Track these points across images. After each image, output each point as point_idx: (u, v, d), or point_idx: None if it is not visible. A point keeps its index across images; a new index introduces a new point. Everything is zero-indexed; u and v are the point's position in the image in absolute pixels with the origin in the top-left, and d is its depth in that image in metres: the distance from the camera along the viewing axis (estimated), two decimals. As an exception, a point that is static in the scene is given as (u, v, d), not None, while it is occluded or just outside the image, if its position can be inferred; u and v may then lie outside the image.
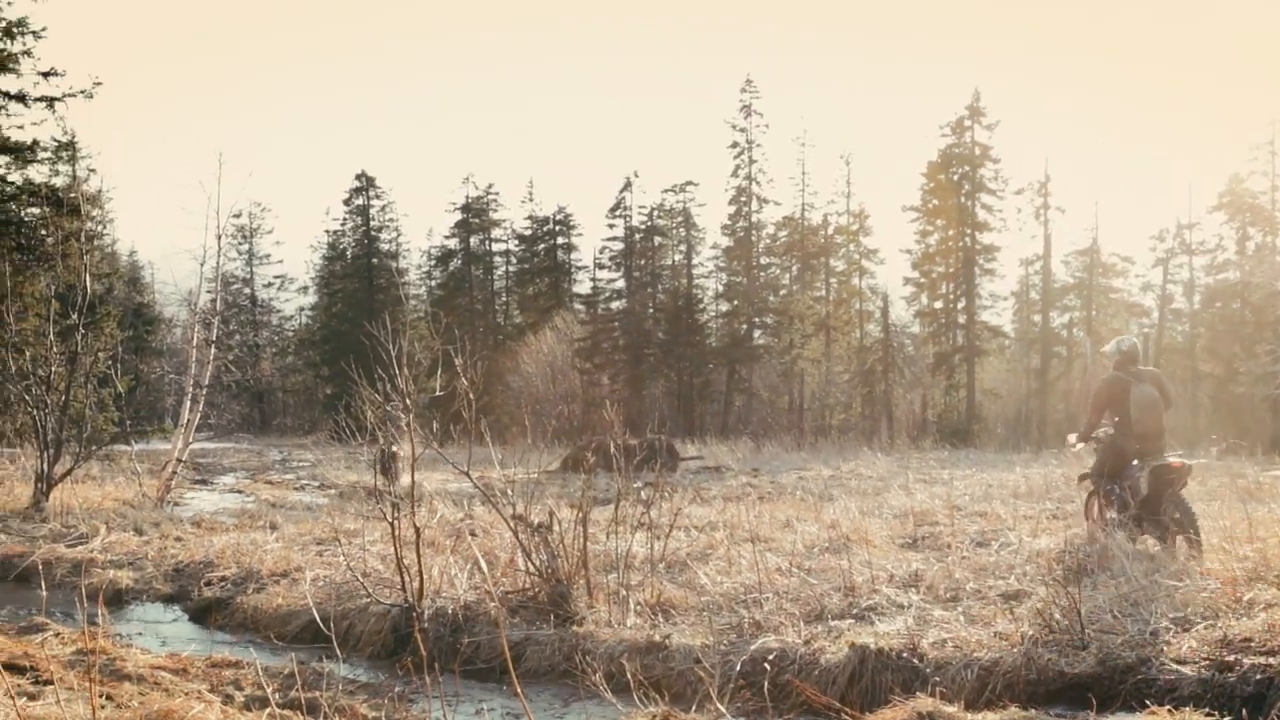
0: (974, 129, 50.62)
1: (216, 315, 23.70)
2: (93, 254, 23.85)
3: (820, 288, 57.62)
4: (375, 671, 8.84)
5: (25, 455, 22.68)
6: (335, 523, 14.21)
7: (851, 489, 19.98)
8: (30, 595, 12.21)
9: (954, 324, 52.33)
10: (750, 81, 54.86)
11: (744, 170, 55.26)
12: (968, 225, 50.88)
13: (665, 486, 13.08)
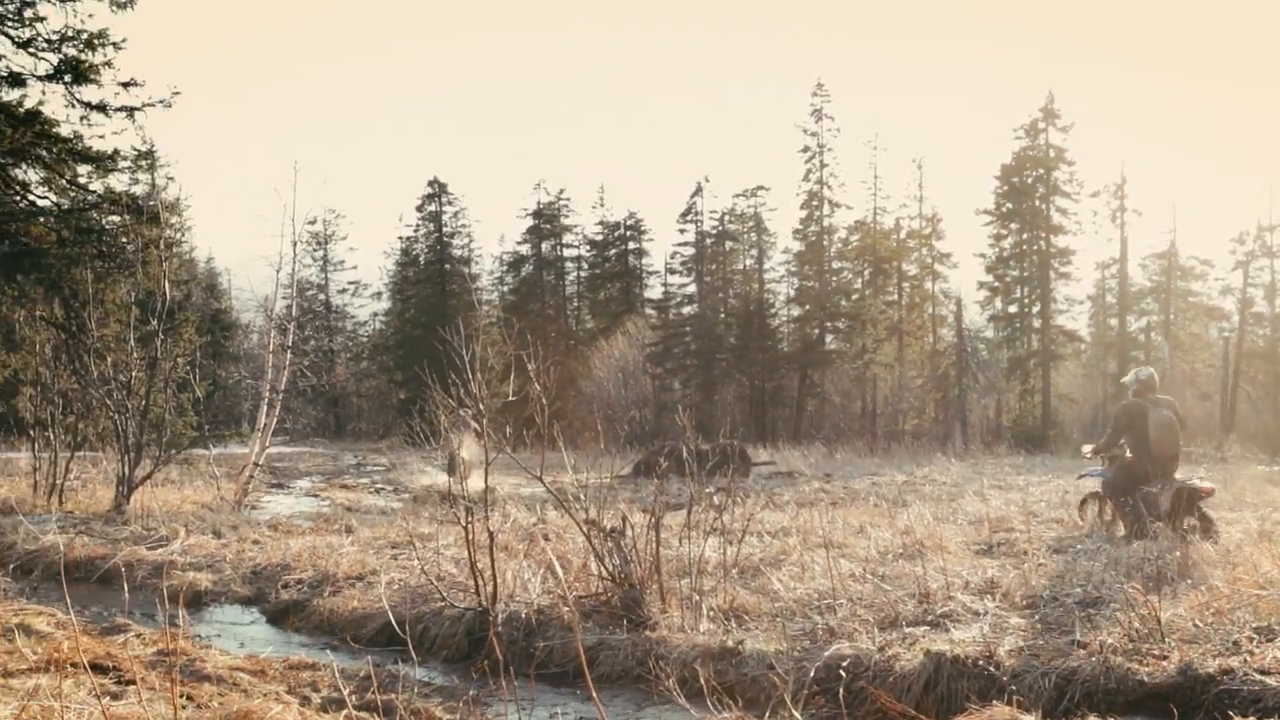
0: (1048, 131, 50.13)
1: (292, 321, 23.94)
2: (172, 261, 24.18)
3: (893, 292, 57.28)
4: (449, 675, 8.88)
5: (107, 459, 23.04)
6: (409, 527, 14.31)
7: (925, 495, 19.83)
8: (112, 596, 12.40)
9: (1029, 328, 51.82)
10: (821, 85, 54.71)
11: (815, 174, 55.07)
12: (1042, 228, 50.38)
13: (737, 492, 13.05)
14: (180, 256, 44.26)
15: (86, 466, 23.26)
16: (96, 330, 20.71)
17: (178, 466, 23.88)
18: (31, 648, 8.37)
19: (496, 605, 9.43)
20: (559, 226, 68.13)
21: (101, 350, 20.29)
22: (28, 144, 22.35)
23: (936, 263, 56.93)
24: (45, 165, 23.75)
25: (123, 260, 23.29)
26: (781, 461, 32.76)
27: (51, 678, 7.12)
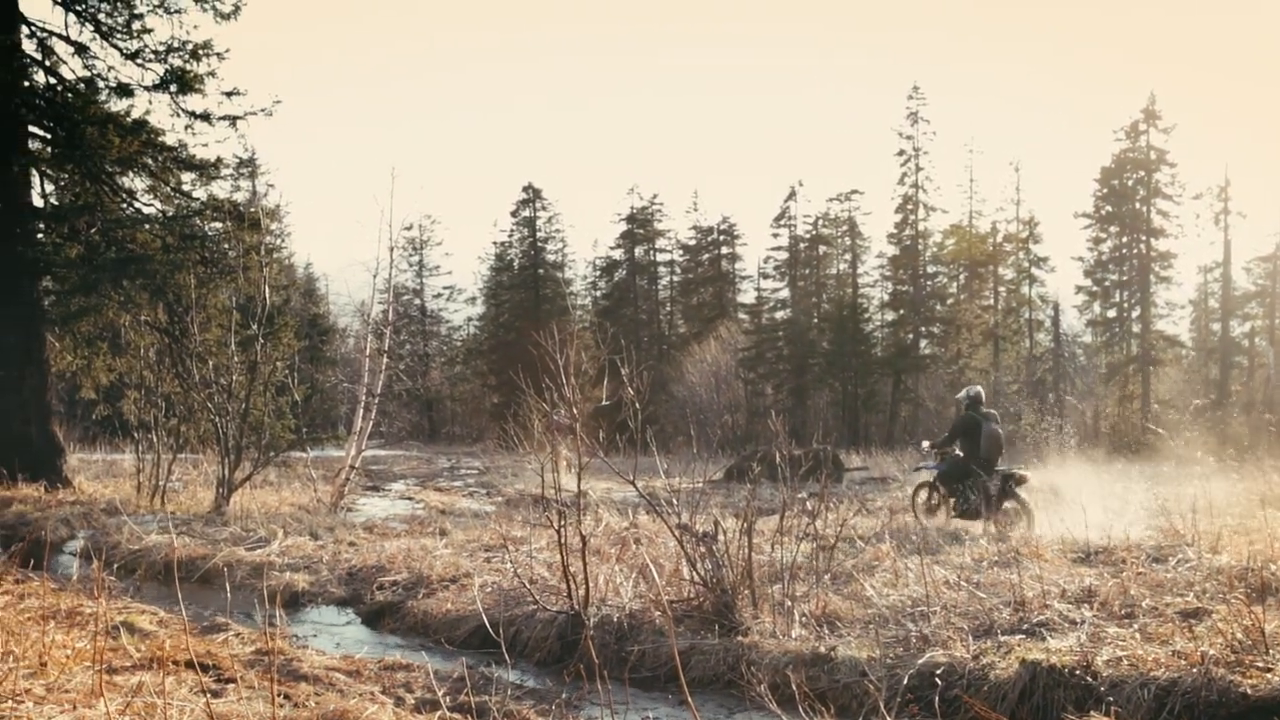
0: (1149, 133, 49.34)
1: (388, 325, 24.22)
2: (272, 267, 24.57)
3: (988, 296, 56.68)
4: (542, 678, 8.93)
5: (207, 461, 23.46)
6: (502, 530, 14.41)
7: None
8: (212, 595, 12.63)
9: (1128, 333, 51.01)
10: (917, 88, 54.32)
11: (910, 178, 54.68)
12: (1143, 231, 49.59)
13: (830, 497, 12.99)
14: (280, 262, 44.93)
15: (188, 468, 23.70)
16: (199, 335, 21.10)
17: (276, 469, 24.24)
18: (135, 645, 8.56)
19: (588, 609, 9.47)
20: (652, 231, 68.25)
21: (203, 354, 20.67)
22: (135, 153, 22.82)
23: (1033, 266, 56.25)
24: (151, 173, 24.25)
25: (224, 266, 23.69)
26: (874, 467, 32.53)
27: (154, 674, 7.27)
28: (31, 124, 23.58)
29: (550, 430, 11.90)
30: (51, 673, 7.16)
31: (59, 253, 23.35)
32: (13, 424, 23.58)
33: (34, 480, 21.93)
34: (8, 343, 23.46)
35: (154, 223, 24.00)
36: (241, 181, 26.60)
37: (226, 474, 19.25)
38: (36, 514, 18.59)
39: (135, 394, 23.70)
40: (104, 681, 6.91)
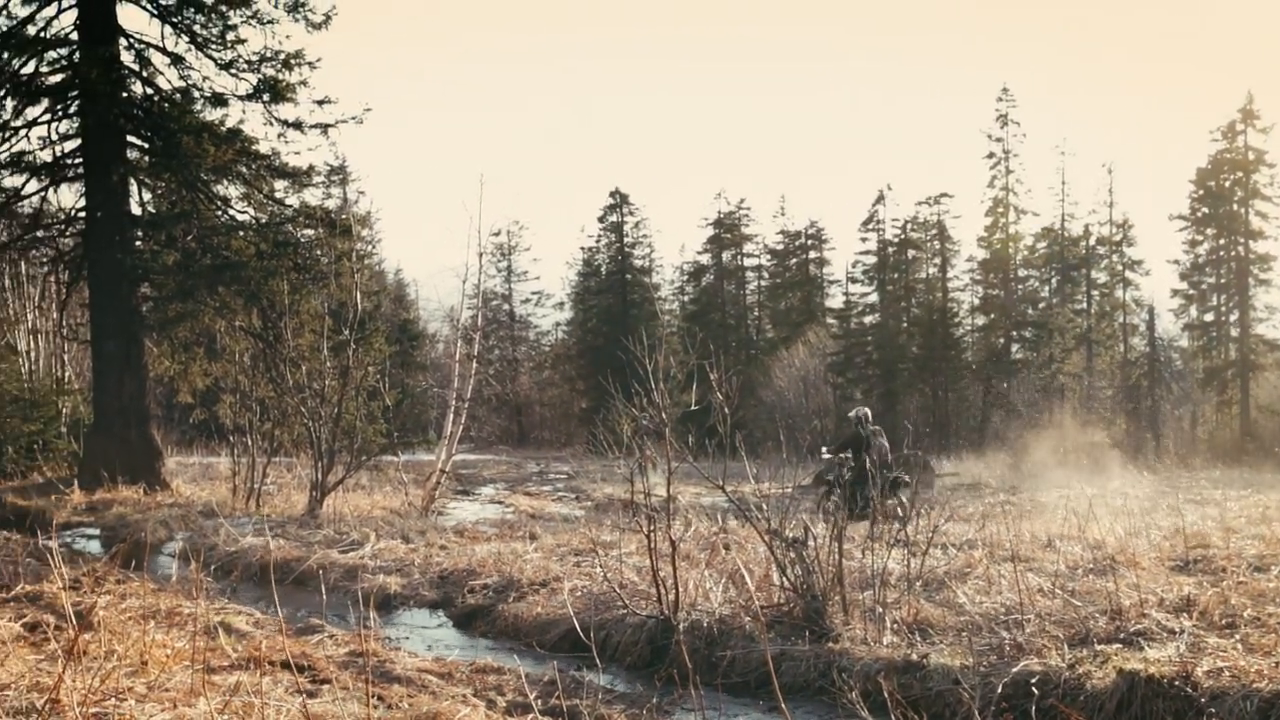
0: (1247, 133, 48.39)
1: (478, 331, 24.42)
2: (363, 273, 24.86)
3: (1081, 300, 55.88)
4: (632, 682, 8.94)
5: (301, 464, 23.77)
6: (592, 534, 14.44)
7: (1116, 508, 19.21)
8: (306, 597, 12.79)
9: (1226, 337, 50.05)
10: (1007, 90, 53.71)
11: (1000, 181, 54.08)
12: (1240, 233, 48.64)
13: (921, 503, 12.86)
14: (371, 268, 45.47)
15: (282, 471, 24.01)
16: (292, 340, 21.38)
17: (368, 472, 24.48)
18: (232, 645, 8.70)
19: (678, 614, 9.46)
20: (739, 236, 68.10)
21: (296, 359, 20.93)
22: (229, 161, 23.21)
23: (1127, 270, 55.40)
24: (245, 181, 24.67)
25: (317, 272, 24.01)
26: (965, 473, 32.18)
27: (251, 675, 7.38)
28: (130, 134, 24.08)
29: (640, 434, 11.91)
30: (152, 671, 7.29)
31: (157, 260, 23.80)
32: (113, 428, 24.08)
33: (133, 483, 22.38)
34: (108, 348, 23.97)
35: (248, 230, 24.39)
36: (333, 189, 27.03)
37: (319, 477, 19.47)
38: (136, 516, 18.97)
39: (230, 398, 24.08)
40: (203, 681, 7.02)
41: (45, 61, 23.75)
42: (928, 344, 55.58)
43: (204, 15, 23.94)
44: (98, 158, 23.64)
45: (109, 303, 23.96)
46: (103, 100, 22.49)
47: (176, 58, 24.24)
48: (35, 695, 6.53)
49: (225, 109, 24.27)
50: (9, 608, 10.04)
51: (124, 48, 23.94)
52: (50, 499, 21.19)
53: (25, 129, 23.89)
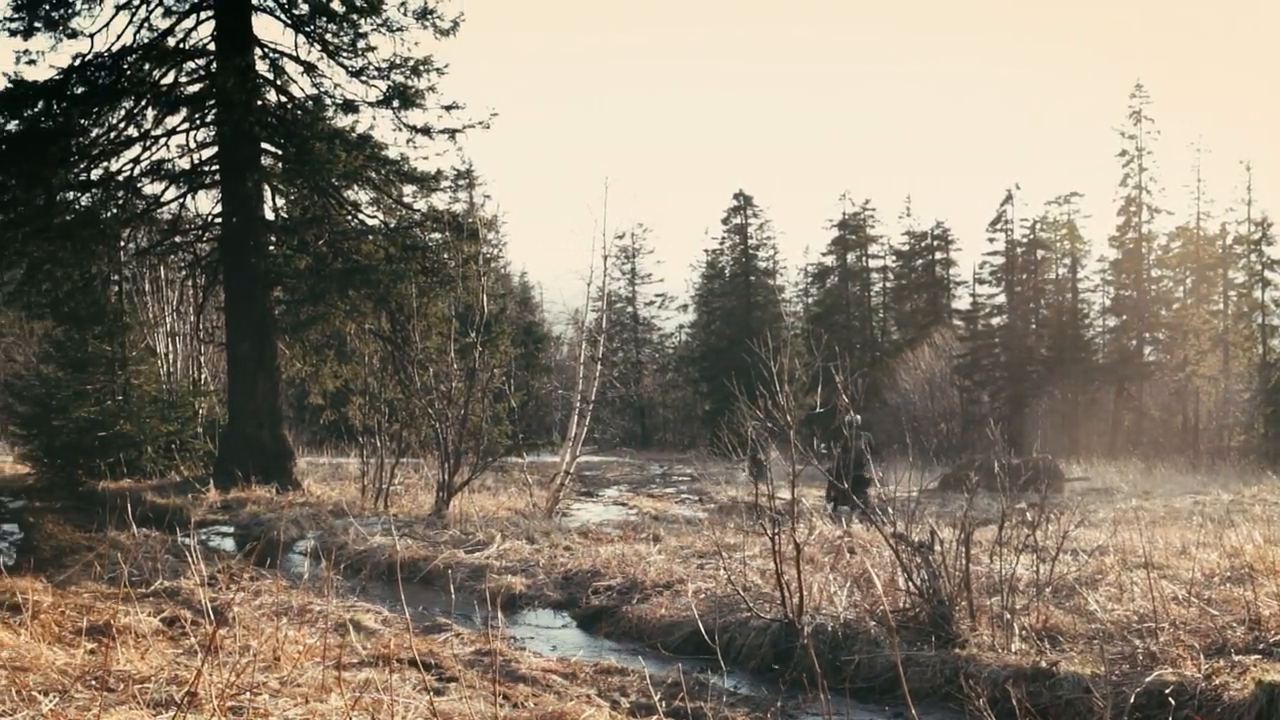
0: (1396, 126, 46.69)
1: (602, 333, 24.53)
2: (489, 276, 25.14)
3: (1217, 300, 54.47)
4: (756, 685, 8.90)
5: (428, 465, 24.09)
6: (715, 536, 14.42)
7: (1255, 515, 18.72)
8: (432, 596, 12.98)
9: (1373, 338, 48.38)
10: (1140, 86, 52.57)
11: (1133, 179, 52.90)
12: (1388, 230, 46.97)
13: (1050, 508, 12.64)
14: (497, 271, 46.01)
15: (409, 472, 24.34)
16: (420, 342, 21.68)
17: (493, 473, 24.72)
18: (362, 643, 8.85)
19: (802, 617, 9.42)
20: (864, 237, 67.53)
21: (424, 361, 21.23)
22: (359, 167, 23.62)
23: (1266, 269, 53.76)
24: (374, 186, 25.10)
25: (444, 275, 24.30)
26: (1096, 477, 31.56)
27: (380, 672, 7.51)
28: (264, 141, 24.63)
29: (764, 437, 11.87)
30: (284, 667, 7.45)
31: (289, 264, 24.30)
32: (247, 428, 24.66)
33: (266, 482, 22.88)
34: (242, 350, 24.55)
35: (377, 234, 24.79)
36: (460, 193, 27.21)
37: (446, 478, 19.70)
38: (269, 515, 19.40)
39: (360, 399, 24.53)
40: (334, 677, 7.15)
41: (184, 72, 24.42)
42: (1057, 346, 54.59)
43: (336, 24, 24.42)
44: (233, 165, 24.22)
45: (243, 306, 24.54)
46: (238, 108, 23.02)
47: (309, 66, 24.77)
48: (174, 688, 6.71)
49: (356, 115, 24.76)
50: (148, 602, 10.34)
51: (259, 57, 24.51)
52: (187, 498, 21.75)
53: (165, 138, 24.59)
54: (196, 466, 26.50)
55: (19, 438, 28.38)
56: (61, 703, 6.32)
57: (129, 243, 28.36)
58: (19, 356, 43.07)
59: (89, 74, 23.35)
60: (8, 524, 19.74)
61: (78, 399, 25.73)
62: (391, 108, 24.54)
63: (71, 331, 26.54)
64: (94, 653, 7.96)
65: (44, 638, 8.44)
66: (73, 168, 23.71)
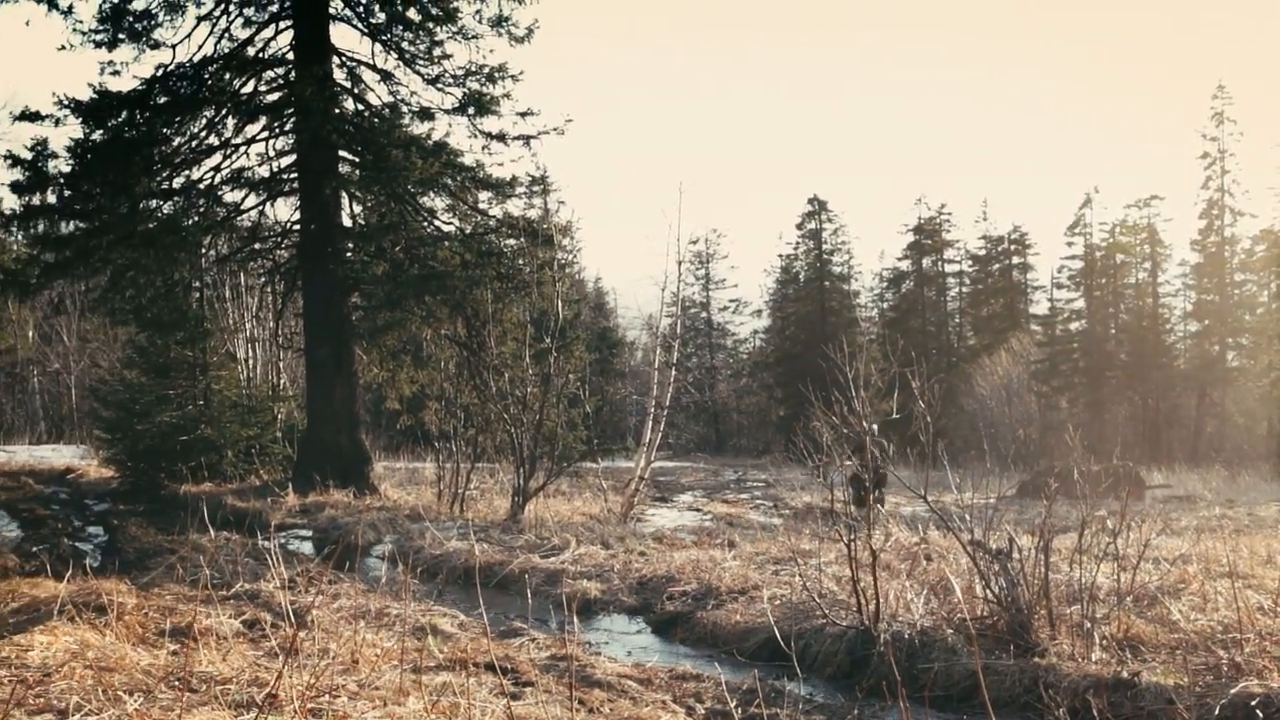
0: None
1: (676, 338, 24.52)
2: (564, 281, 25.20)
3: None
4: (833, 693, 8.86)
5: (503, 470, 24.22)
6: (790, 542, 14.37)
7: (1343, 524, 18.35)
8: (508, 601, 13.05)
9: None
10: (1222, 88, 51.78)
11: (1215, 181, 52.08)
12: None
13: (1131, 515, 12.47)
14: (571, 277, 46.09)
15: (484, 477, 24.47)
16: (495, 348, 21.80)
17: (568, 478, 24.78)
18: (438, 647, 8.91)
19: (879, 624, 9.36)
20: (940, 241, 67.04)
21: (499, 367, 21.34)
22: (435, 174, 23.79)
23: (1355, 272, 52.80)
24: (450, 193, 25.27)
25: (519, 281, 24.40)
26: (1178, 485, 31.06)
27: (457, 675, 7.55)
28: (341, 149, 24.88)
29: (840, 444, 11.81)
30: (362, 670, 7.52)
31: (367, 270, 24.53)
32: (325, 433, 24.92)
33: (344, 486, 23.11)
34: (320, 356, 24.82)
35: (453, 240, 24.95)
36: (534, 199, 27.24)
37: (521, 483, 19.78)
38: (347, 519, 19.58)
39: (436, 405, 24.69)
40: (411, 680, 7.21)
41: (263, 81, 24.76)
42: (1137, 351, 53.87)
43: (412, 32, 24.65)
44: (311, 172, 24.51)
45: (322, 312, 24.82)
46: (316, 117, 23.28)
47: (386, 74, 25.02)
48: (254, 690, 6.79)
49: (432, 123, 24.99)
50: (229, 605, 10.48)
51: (336, 66, 24.78)
52: (266, 501, 22.01)
53: (245, 146, 24.93)
54: (275, 471, 26.80)
55: (104, 442, 28.85)
56: (146, 703, 6.42)
57: (210, 250, 28.74)
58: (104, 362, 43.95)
59: (171, 84, 23.73)
60: (93, 526, 20.12)
61: (160, 404, 26.12)
62: (467, 115, 24.73)
63: (154, 337, 26.93)
64: (177, 654, 8.08)
65: (128, 638, 8.58)
66: (155, 176, 24.10)
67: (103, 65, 23.80)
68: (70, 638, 8.26)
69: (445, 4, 24.20)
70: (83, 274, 25.83)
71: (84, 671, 7.06)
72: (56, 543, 16.40)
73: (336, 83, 24.63)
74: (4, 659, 7.58)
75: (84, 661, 7.40)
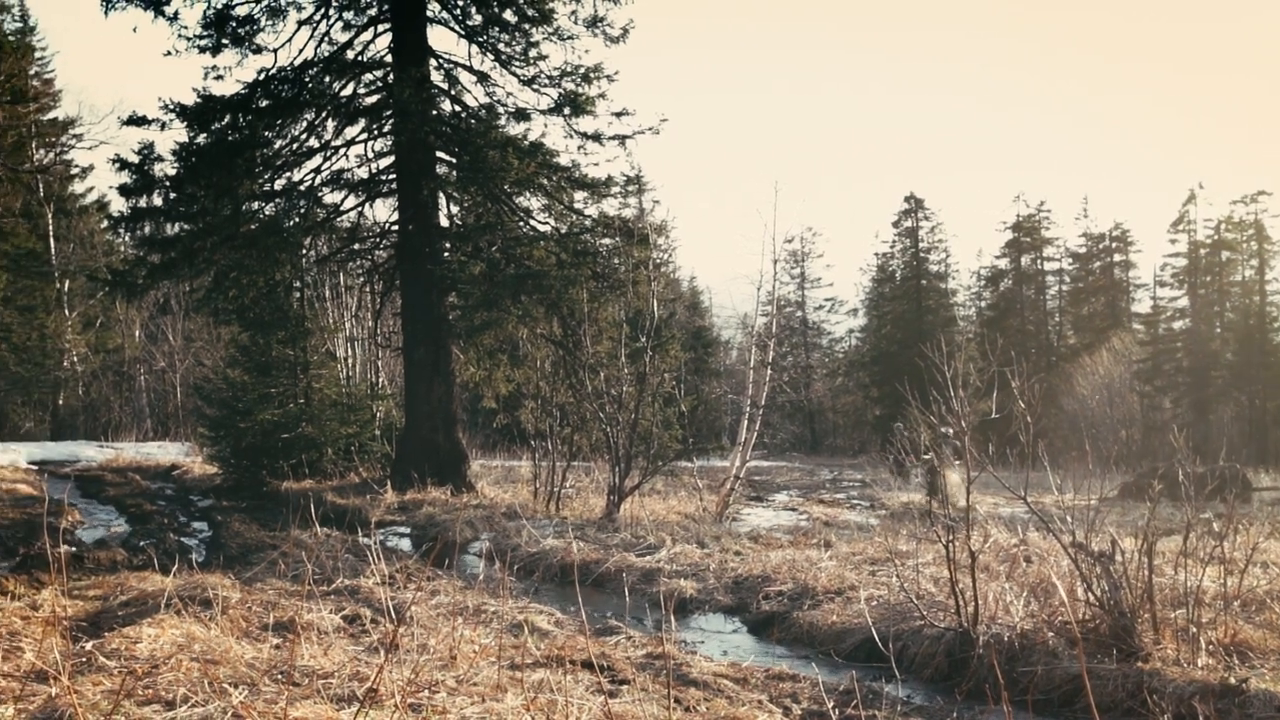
0: None
1: (772, 338, 24.42)
2: (659, 280, 25.21)
3: None
4: (931, 695, 8.78)
5: (598, 469, 24.31)
6: (887, 543, 14.26)
7: None
8: (603, 599, 13.10)
9: None
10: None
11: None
12: None
13: (1238, 518, 12.20)
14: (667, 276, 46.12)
15: (580, 475, 24.57)
16: (591, 347, 21.87)
17: (663, 477, 24.81)
18: (535, 644, 8.96)
19: (978, 626, 9.26)
20: (1039, 239, 66.19)
21: (595, 366, 21.41)
22: (531, 174, 23.92)
23: None
24: (546, 193, 25.40)
25: (614, 281, 24.47)
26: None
27: (553, 672, 7.60)
28: (439, 149, 25.13)
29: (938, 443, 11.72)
30: (460, 666, 7.59)
31: (464, 270, 24.72)
32: (422, 431, 25.17)
33: (441, 484, 23.34)
34: (418, 355, 25.08)
35: (549, 240, 25.07)
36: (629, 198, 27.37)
37: (617, 482, 19.84)
38: (444, 516, 19.76)
39: (532, 403, 24.82)
40: (508, 677, 7.26)
41: (362, 84, 25.11)
42: (1244, 351, 52.72)
43: (508, 34, 24.83)
44: (409, 173, 24.78)
45: (419, 312, 25.07)
46: (415, 118, 23.52)
47: (482, 75, 25.22)
48: (355, 684, 6.89)
49: (527, 123, 25.16)
50: (329, 600, 10.63)
51: (434, 68, 25.03)
52: (365, 498, 22.28)
53: (344, 148, 25.32)
54: (374, 468, 27.12)
55: (207, 439, 29.38)
56: (250, 695, 6.54)
57: (310, 250, 29.20)
58: (208, 361, 44.79)
59: (272, 87, 24.13)
60: (197, 522, 20.51)
61: (262, 402, 26.55)
62: (562, 115, 24.86)
63: (256, 336, 27.38)
64: (279, 648, 8.22)
65: (232, 632, 8.75)
66: (257, 178, 24.52)
67: (206, 70, 24.31)
68: (177, 630, 8.44)
69: (541, 5, 24.35)
70: (188, 274, 26.38)
71: (190, 664, 7.20)
72: (163, 538, 16.74)
73: (434, 84, 24.87)
74: (114, 650, 7.77)
75: (190, 654, 7.55)
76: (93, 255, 48.51)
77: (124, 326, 50.76)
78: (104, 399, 50.50)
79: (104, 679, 6.92)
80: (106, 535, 17.69)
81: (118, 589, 11.14)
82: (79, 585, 11.76)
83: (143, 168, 24.04)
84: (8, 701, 6.34)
